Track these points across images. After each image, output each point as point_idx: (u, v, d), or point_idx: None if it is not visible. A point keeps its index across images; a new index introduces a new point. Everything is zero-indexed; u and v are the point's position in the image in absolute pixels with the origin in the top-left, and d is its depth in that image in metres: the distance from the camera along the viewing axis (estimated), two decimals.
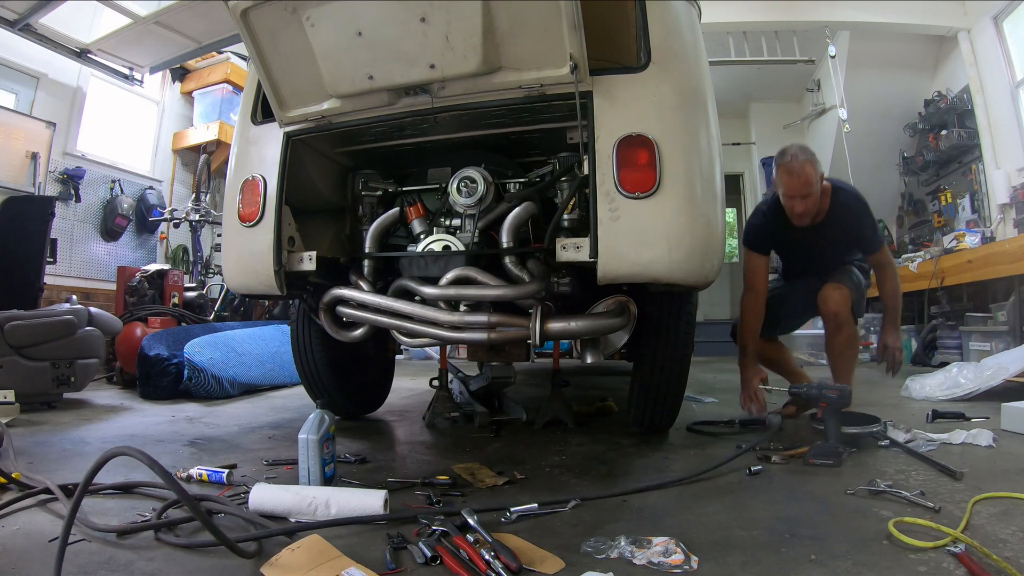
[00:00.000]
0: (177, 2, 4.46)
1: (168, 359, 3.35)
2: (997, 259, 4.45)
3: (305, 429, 1.59)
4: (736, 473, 1.74)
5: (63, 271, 5.15)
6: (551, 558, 1.13)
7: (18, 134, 4.85)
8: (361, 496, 1.39)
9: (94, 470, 1.10)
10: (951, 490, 1.54)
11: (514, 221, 1.90)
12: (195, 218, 5.78)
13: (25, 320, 3.04)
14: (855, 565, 1.10)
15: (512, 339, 1.90)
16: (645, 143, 1.67)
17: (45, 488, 1.50)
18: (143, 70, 5.50)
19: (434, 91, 1.79)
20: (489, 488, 1.63)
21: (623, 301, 1.94)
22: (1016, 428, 2.26)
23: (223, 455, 2.03)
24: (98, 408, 3.08)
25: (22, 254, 3.70)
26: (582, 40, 1.59)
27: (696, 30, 1.95)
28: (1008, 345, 4.08)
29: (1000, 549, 1.14)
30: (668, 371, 2.13)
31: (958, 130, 5.62)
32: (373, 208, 2.22)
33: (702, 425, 2.42)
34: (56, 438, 2.28)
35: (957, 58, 5.66)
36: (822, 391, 2.02)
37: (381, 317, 1.99)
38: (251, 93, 2.15)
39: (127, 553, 1.17)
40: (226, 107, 6.41)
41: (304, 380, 2.54)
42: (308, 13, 1.69)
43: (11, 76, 4.94)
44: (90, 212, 5.58)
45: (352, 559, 1.12)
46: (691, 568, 1.09)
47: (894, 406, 3.00)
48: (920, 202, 6.73)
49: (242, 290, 2.11)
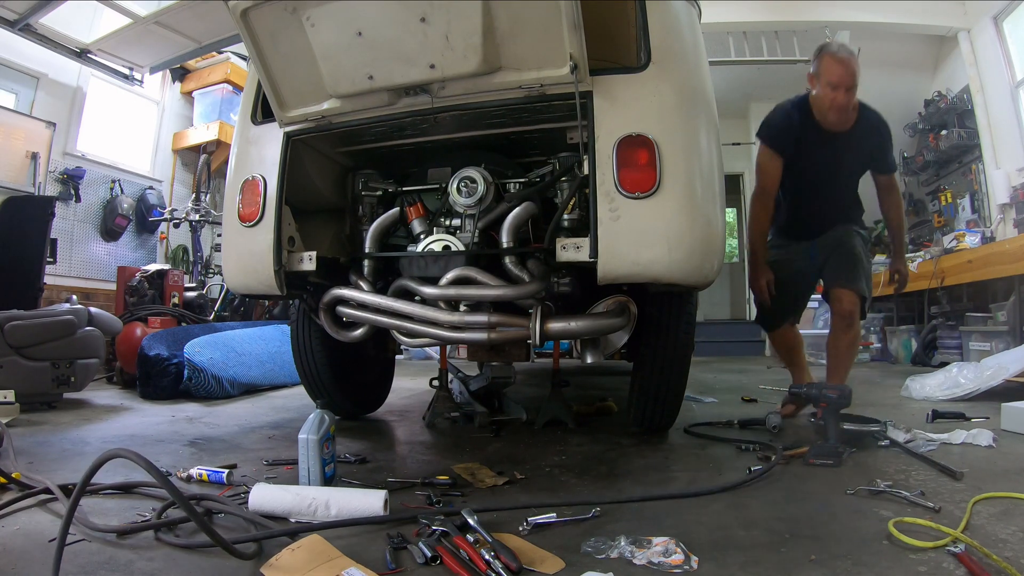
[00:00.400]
0: (177, 2, 4.46)
1: (168, 359, 3.35)
2: (997, 259, 4.45)
3: (305, 429, 1.59)
4: (736, 473, 1.74)
5: (63, 271, 5.15)
6: (551, 558, 1.13)
7: (18, 134, 4.85)
8: (361, 496, 1.39)
9: (91, 472, 1.10)
10: (951, 490, 1.54)
11: (514, 221, 1.90)
12: (195, 218, 5.78)
13: (25, 320, 3.04)
14: (855, 565, 1.10)
15: (512, 339, 1.90)
16: (645, 143, 1.67)
17: (45, 488, 1.50)
18: (143, 70, 5.50)
19: (434, 91, 1.79)
20: (489, 488, 1.63)
21: (623, 301, 1.94)
22: (1016, 428, 2.26)
23: (223, 455, 2.03)
24: (98, 408, 3.08)
25: (22, 254, 3.70)
26: (582, 40, 1.59)
27: (696, 30, 1.95)
28: (1008, 345, 4.08)
29: (1000, 549, 1.14)
30: (668, 371, 2.13)
31: (958, 130, 5.63)
32: (373, 208, 2.22)
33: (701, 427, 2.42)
34: (56, 438, 2.28)
35: (957, 58, 5.67)
36: (822, 391, 2.03)
37: (381, 317, 1.99)
38: (251, 93, 2.15)
39: (127, 553, 1.17)
40: (226, 107, 6.41)
41: (304, 380, 2.54)
42: (308, 13, 1.69)
43: (11, 76, 4.94)
44: (90, 212, 5.58)
45: (352, 559, 1.12)
46: (691, 568, 1.09)
47: (894, 406, 3.00)
48: (920, 202, 6.74)
49: (242, 290, 2.11)
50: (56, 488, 1.47)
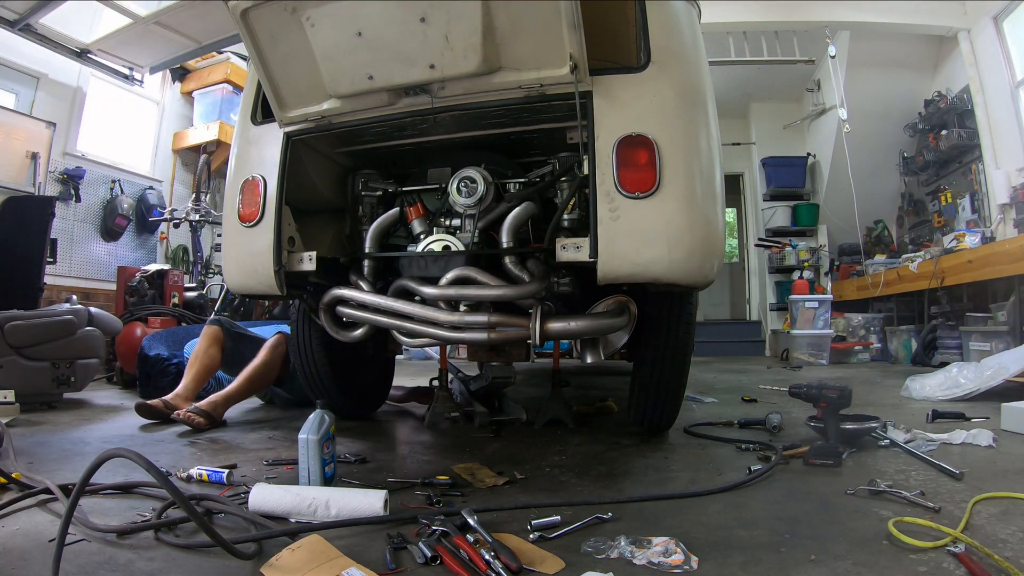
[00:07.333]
0: (177, 2, 4.46)
1: (168, 359, 3.35)
2: (997, 259, 4.45)
3: (305, 429, 1.59)
4: (736, 473, 1.74)
5: (63, 271, 5.16)
6: (551, 558, 1.13)
7: (18, 134, 4.85)
8: (361, 496, 1.39)
9: (90, 471, 1.10)
10: (951, 490, 1.54)
11: (514, 221, 1.90)
12: (195, 218, 5.79)
13: (25, 320, 3.04)
14: (855, 565, 1.09)
15: (512, 339, 1.89)
16: (645, 143, 1.67)
17: (45, 488, 1.50)
18: (143, 70, 5.51)
19: (434, 91, 1.79)
20: (489, 488, 1.63)
21: (623, 301, 1.94)
22: (1016, 428, 2.27)
23: (223, 455, 2.03)
24: (98, 408, 3.09)
25: (22, 254, 3.70)
26: (582, 40, 1.59)
27: (696, 30, 1.95)
28: (1008, 345, 4.09)
29: (1000, 549, 1.14)
30: (668, 371, 2.13)
31: (958, 130, 5.63)
32: (373, 208, 2.22)
33: (701, 427, 2.42)
34: (56, 438, 2.28)
35: (957, 58, 5.67)
36: (822, 391, 2.03)
37: (381, 317, 1.99)
38: (251, 93, 2.15)
39: (127, 553, 1.17)
40: (226, 107, 6.41)
41: (304, 380, 2.54)
42: (308, 13, 1.69)
43: (11, 76, 4.95)
44: (90, 212, 5.59)
45: (352, 559, 1.12)
46: (691, 568, 1.09)
47: (894, 406, 3.00)
48: (920, 202, 6.74)
49: (242, 290, 2.11)
50: (56, 488, 1.47)
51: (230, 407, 2.65)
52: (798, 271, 7.23)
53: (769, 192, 8.03)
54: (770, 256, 8.06)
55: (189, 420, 2.40)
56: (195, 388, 2.74)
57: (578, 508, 1.42)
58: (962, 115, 5.64)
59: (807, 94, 7.60)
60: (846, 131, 6.07)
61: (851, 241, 7.20)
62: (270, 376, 2.80)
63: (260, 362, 2.75)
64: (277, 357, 2.78)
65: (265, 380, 2.80)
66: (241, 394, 2.68)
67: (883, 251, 6.91)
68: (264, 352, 2.79)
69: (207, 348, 2.85)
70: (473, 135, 2.08)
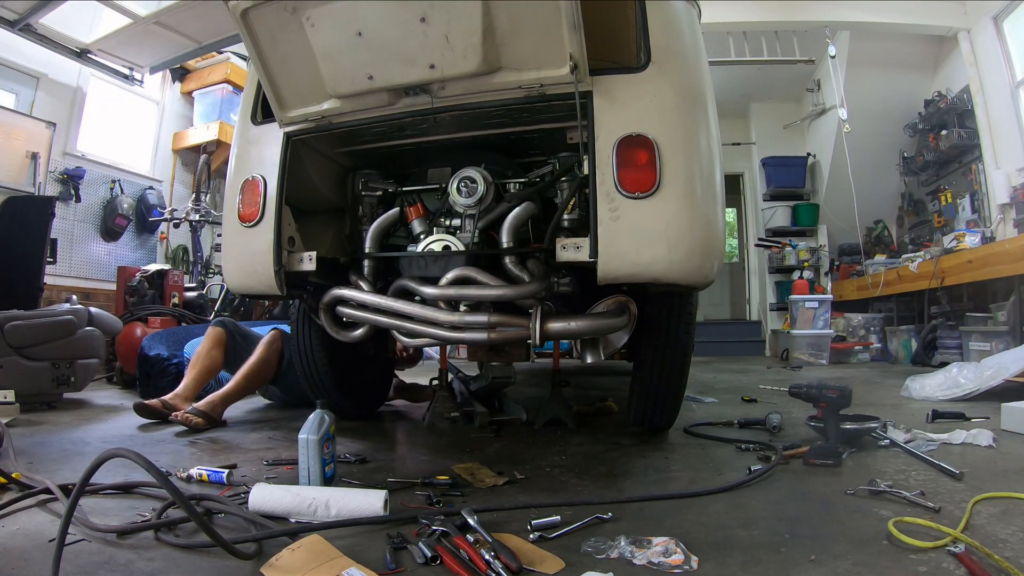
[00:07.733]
0: (177, 2, 4.46)
1: (168, 359, 3.34)
2: (997, 259, 4.45)
3: (305, 429, 1.59)
4: (736, 473, 1.74)
5: (63, 271, 5.16)
6: (551, 558, 1.13)
7: (18, 134, 4.85)
8: (361, 496, 1.39)
9: (90, 471, 1.10)
10: (951, 490, 1.54)
11: (514, 221, 1.90)
12: (195, 218, 5.79)
13: (25, 320, 3.04)
14: (855, 565, 1.09)
15: (512, 339, 1.89)
16: (645, 143, 1.67)
17: (45, 488, 1.50)
18: (143, 70, 5.50)
19: (434, 91, 1.79)
20: (489, 488, 1.63)
21: (623, 301, 1.94)
22: (1016, 428, 2.26)
23: (223, 455, 2.03)
24: (98, 408, 3.09)
25: (22, 254, 3.70)
26: (582, 40, 1.59)
27: (696, 30, 1.95)
28: (1008, 345, 4.09)
29: (1000, 549, 1.14)
30: (668, 371, 2.13)
31: (958, 130, 5.63)
32: (373, 208, 2.22)
33: (701, 427, 2.42)
34: (56, 438, 2.28)
35: (957, 58, 5.67)
36: (822, 391, 2.02)
37: (381, 317, 2.00)
38: (251, 93, 2.15)
39: (127, 553, 1.17)
40: (226, 107, 6.41)
41: (304, 380, 2.54)
42: (308, 13, 1.69)
43: (11, 76, 4.95)
44: (90, 212, 5.59)
45: (352, 559, 1.12)
46: (691, 568, 1.09)
47: (894, 406, 3.00)
48: (920, 202, 6.74)
49: (242, 290, 2.11)
50: (56, 488, 1.47)
51: (229, 406, 2.65)
52: (798, 271, 7.24)
53: (769, 192, 8.04)
54: (770, 256, 8.07)
55: (187, 421, 2.40)
56: (195, 389, 2.74)
57: (578, 508, 1.41)
58: (962, 115, 5.64)
59: (807, 94, 7.60)
60: (846, 131, 6.07)
61: (851, 241, 7.21)
62: (267, 373, 2.80)
63: (256, 359, 2.75)
64: (273, 354, 2.79)
65: (262, 377, 2.80)
66: (239, 392, 2.68)
67: (883, 251, 6.91)
68: (260, 349, 2.79)
69: (209, 350, 2.85)
70: (473, 135, 2.08)
